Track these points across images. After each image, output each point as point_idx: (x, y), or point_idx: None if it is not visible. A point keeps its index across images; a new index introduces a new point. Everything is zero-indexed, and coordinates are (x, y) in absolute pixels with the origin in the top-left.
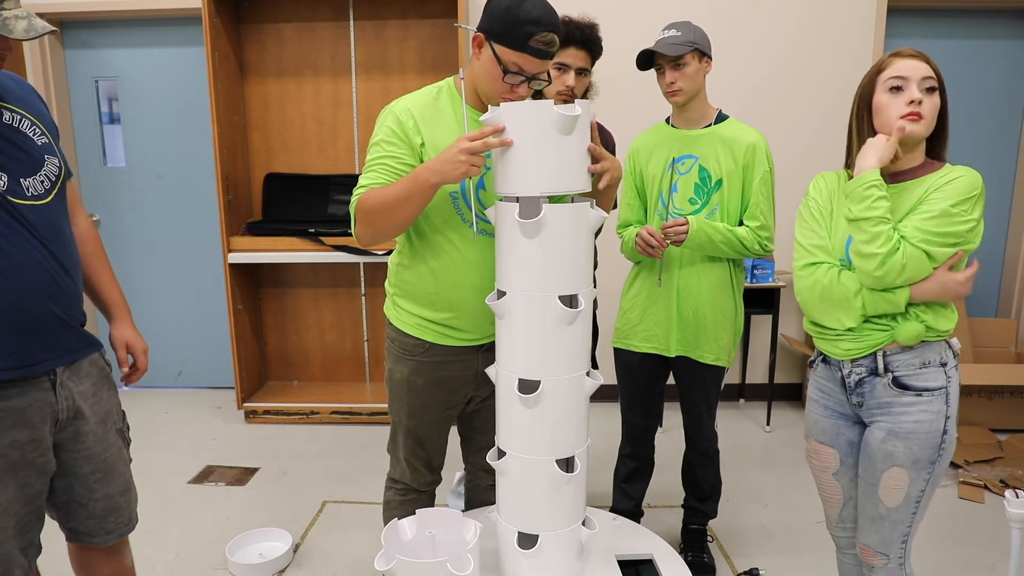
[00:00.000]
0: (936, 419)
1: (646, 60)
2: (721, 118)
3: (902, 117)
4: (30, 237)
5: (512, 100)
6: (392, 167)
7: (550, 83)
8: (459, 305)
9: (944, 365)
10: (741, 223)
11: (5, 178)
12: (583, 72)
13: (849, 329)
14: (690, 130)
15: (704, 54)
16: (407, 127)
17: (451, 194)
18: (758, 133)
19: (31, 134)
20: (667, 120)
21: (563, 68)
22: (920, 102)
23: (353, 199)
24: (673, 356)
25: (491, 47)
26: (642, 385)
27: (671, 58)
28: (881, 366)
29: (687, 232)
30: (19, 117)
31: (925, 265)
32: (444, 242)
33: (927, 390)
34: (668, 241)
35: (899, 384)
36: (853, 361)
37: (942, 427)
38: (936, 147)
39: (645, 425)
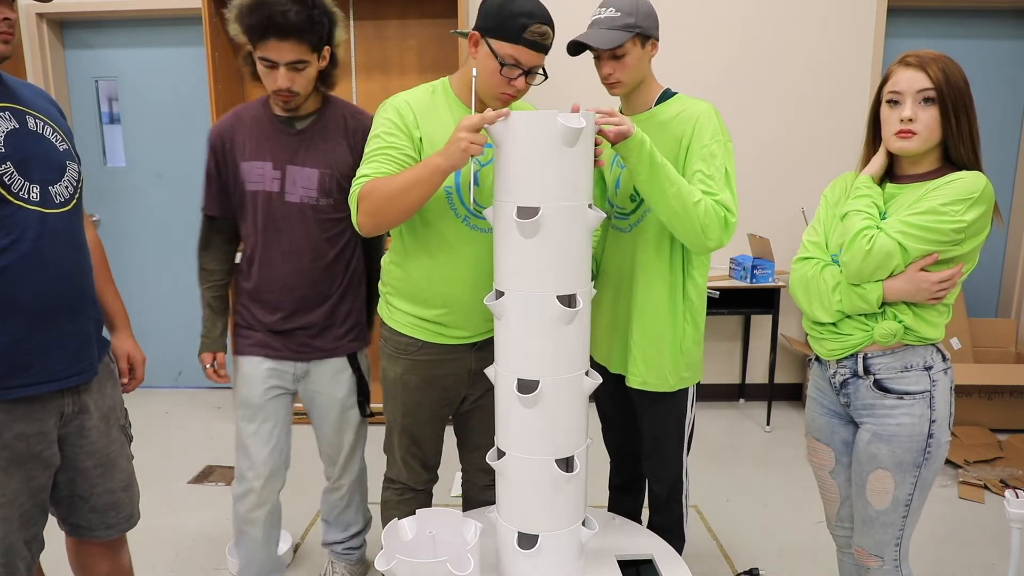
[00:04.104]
0: (919, 423)
1: (576, 46)
2: (665, 97)
3: (895, 134)
4: (62, 248)
5: (510, 94)
6: (394, 156)
7: (547, 79)
8: (452, 302)
9: (929, 369)
10: None
11: (38, 189)
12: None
13: (833, 328)
14: (632, 115)
15: (648, 36)
16: (407, 120)
17: (446, 188)
18: (703, 105)
19: (53, 140)
20: (620, 110)
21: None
22: (911, 119)
23: (354, 188)
24: (614, 372)
25: (487, 43)
26: (613, 399)
27: (605, 50)
28: (861, 368)
29: (625, 129)
30: (42, 123)
31: (895, 256)
32: (437, 238)
33: (908, 393)
34: (602, 129)
35: (881, 387)
36: (838, 362)
37: (926, 431)
38: (954, 153)
39: (625, 445)
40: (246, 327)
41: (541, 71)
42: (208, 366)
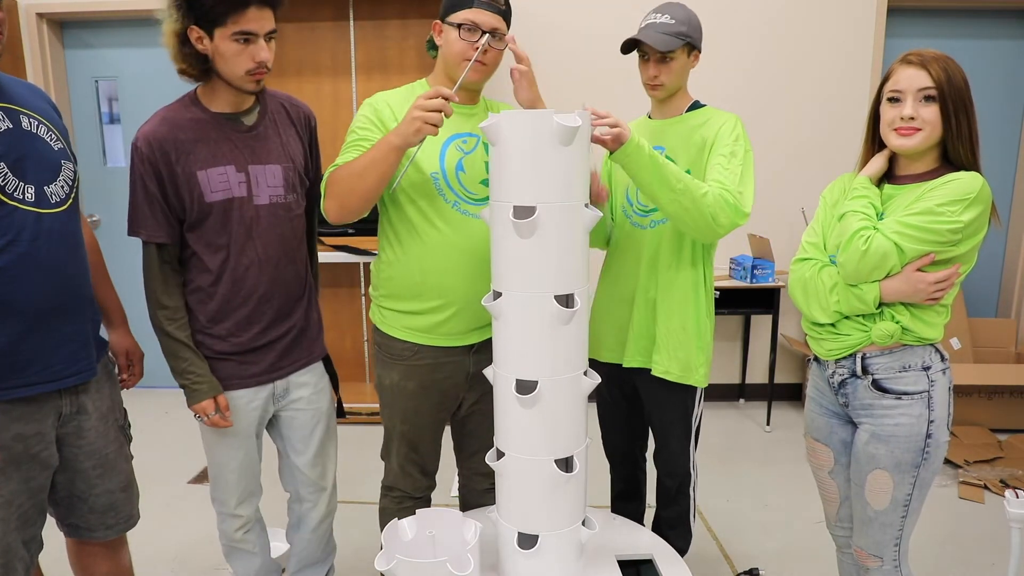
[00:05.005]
0: (917, 423)
1: (630, 44)
2: (694, 107)
3: (895, 130)
4: (59, 248)
5: (478, 60)
6: (365, 148)
7: (507, 42)
8: (447, 292)
9: (927, 369)
10: None
11: (32, 189)
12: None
13: (831, 328)
14: (662, 120)
15: (694, 47)
16: (383, 115)
17: (432, 175)
18: (731, 115)
19: (48, 139)
20: (648, 115)
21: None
22: (912, 117)
23: (324, 177)
24: (627, 367)
25: (446, 24)
26: (612, 401)
27: (659, 52)
28: (859, 368)
29: (620, 132)
30: (36, 123)
31: (891, 257)
32: (427, 226)
33: (907, 394)
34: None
35: (879, 387)
36: (836, 361)
37: (924, 431)
38: (953, 153)
39: (625, 448)
40: (210, 359)
41: (505, 37)
42: (213, 413)
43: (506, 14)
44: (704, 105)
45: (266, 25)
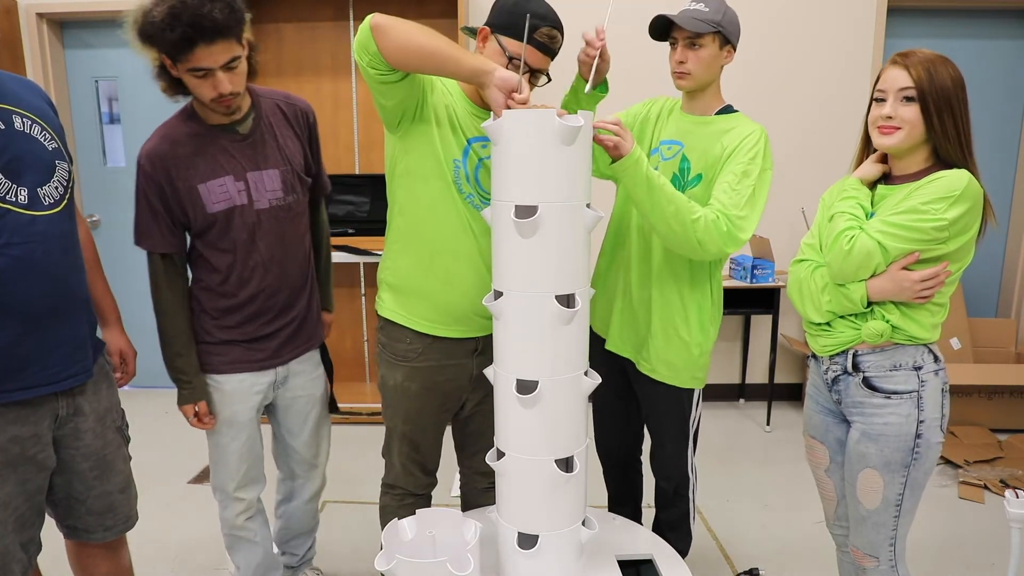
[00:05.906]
0: (906, 423)
1: (661, 29)
2: (725, 111)
3: (877, 128)
4: (53, 250)
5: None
6: None
7: (550, 81)
8: (455, 275)
9: (918, 369)
10: None
11: (26, 192)
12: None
13: (827, 326)
14: (690, 116)
15: (728, 41)
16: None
17: (454, 161)
18: (757, 126)
19: (42, 139)
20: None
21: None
22: (890, 116)
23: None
24: (609, 347)
25: (497, 40)
26: (604, 397)
27: (687, 34)
28: (850, 365)
29: (621, 143)
30: (30, 122)
31: (875, 256)
32: (437, 208)
33: (896, 393)
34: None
35: (869, 385)
36: (831, 358)
37: (913, 431)
38: (943, 152)
39: (618, 449)
40: (219, 343)
41: (546, 75)
42: (192, 416)
43: (555, 54)
44: (736, 111)
45: (220, 58)
